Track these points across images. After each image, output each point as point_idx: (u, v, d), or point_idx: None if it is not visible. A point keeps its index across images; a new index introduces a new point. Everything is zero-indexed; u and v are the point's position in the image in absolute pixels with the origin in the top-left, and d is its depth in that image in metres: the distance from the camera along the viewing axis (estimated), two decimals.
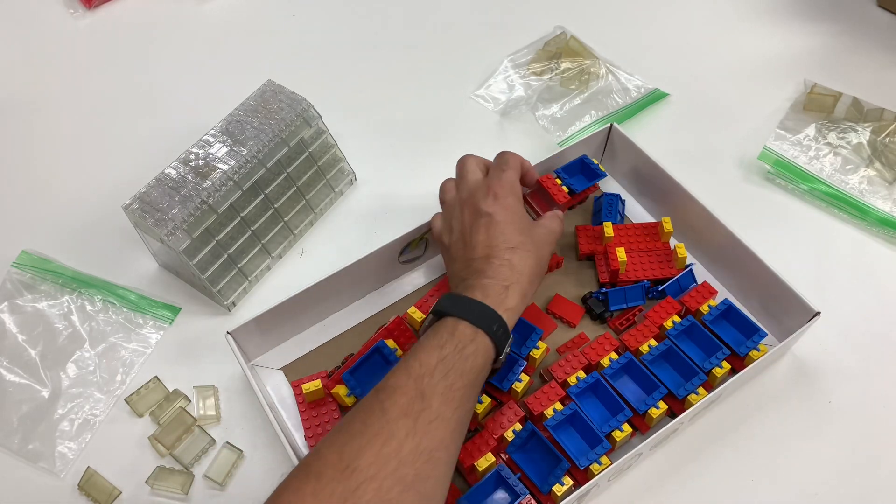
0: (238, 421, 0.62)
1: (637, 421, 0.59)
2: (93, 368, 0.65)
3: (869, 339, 0.66)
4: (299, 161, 0.70)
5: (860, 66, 0.86)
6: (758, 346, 0.61)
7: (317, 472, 0.44)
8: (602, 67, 0.85)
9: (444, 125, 0.82)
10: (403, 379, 0.49)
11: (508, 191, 0.60)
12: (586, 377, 0.59)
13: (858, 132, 0.78)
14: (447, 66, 0.88)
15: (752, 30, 0.90)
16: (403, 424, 0.46)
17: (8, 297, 0.69)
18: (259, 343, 0.64)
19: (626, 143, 0.72)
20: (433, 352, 0.50)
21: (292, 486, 0.45)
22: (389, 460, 0.45)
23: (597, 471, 0.55)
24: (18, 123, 0.84)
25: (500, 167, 0.63)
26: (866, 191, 0.75)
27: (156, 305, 0.69)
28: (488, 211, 0.59)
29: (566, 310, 0.66)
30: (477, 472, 0.56)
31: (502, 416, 0.58)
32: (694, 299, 0.64)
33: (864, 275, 0.70)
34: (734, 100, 0.83)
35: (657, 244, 0.69)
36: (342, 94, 0.84)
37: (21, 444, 0.61)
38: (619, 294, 0.65)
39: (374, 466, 0.44)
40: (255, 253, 0.69)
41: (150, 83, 0.87)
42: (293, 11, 0.94)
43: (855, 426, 0.61)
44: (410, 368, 0.49)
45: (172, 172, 0.65)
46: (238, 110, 0.69)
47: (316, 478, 0.44)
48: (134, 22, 0.93)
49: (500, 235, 0.57)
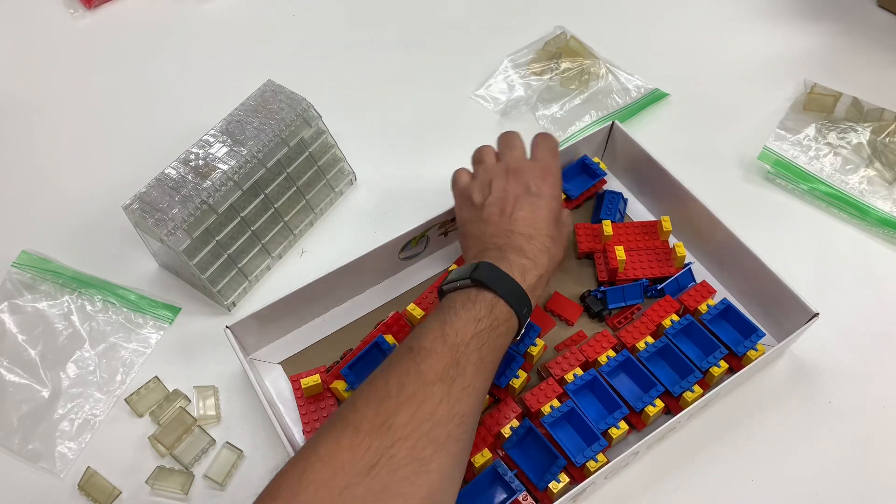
0: (238, 421, 0.62)
1: (634, 418, 0.59)
2: (93, 368, 0.65)
3: (869, 339, 0.66)
4: (299, 161, 0.70)
5: (860, 66, 0.86)
6: (756, 345, 0.61)
7: (355, 425, 0.45)
8: (602, 67, 0.85)
9: (444, 125, 0.82)
10: (439, 344, 0.49)
11: (558, 179, 0.62)
12: (583, 374, 0.60)
13: (858, 132, 0.78)
14: (447, 66, 0.88)
15: (752, 30, 0.90)
16: (439, 389, 0.47)
17: (8, 297, 0.69)
18: (258, 338, 0.64)
19: (627, 141, 0.72)
20: (470, 324, 0.51)
21: (330, 436, 0.45)
22: (424, 422, 0.46)
23: (593, 468, 0.55)
24: (18, 123, 0.84)
25: (551, 152, 0.63)
26: (866, 191, 0.75)
27: (156, 305, 0.69)
28: (538, 192, 0.59)
29: (565, 308, 0.66)
30: (473, 469, 0.56)
31: (499, 412, 0.58)
32: (693, 298, 0.64)
33: (863, 275, 0.70)
34: (734, 100, 0.83)
35: (656, 243, 0.69)
36: (342, 94, 0.84)
37: (21, 444, 0.61)
38: (617, 292, 0.65)
39: (410, 426, 0.45)
40: (255, 253, 0.69)
41: (150, 83, 0.87)
42: (293, 11, 0.94)
43: (855, 426, 0.61)
44: (447, 335, 0.50)
45: (172, 172, 0.65)
46: (238, 110, 0.69)
47: (354, 431, 0.45)
48: (134, 22, 0.93)
49: (543, 220, 0.58)
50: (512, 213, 0.58)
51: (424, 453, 0.45)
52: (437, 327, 0.51)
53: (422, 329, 0.51)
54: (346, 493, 0.43)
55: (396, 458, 0.44)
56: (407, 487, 0.44)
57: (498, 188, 0.60)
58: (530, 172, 0.61)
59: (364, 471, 0.43)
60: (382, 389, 0.47)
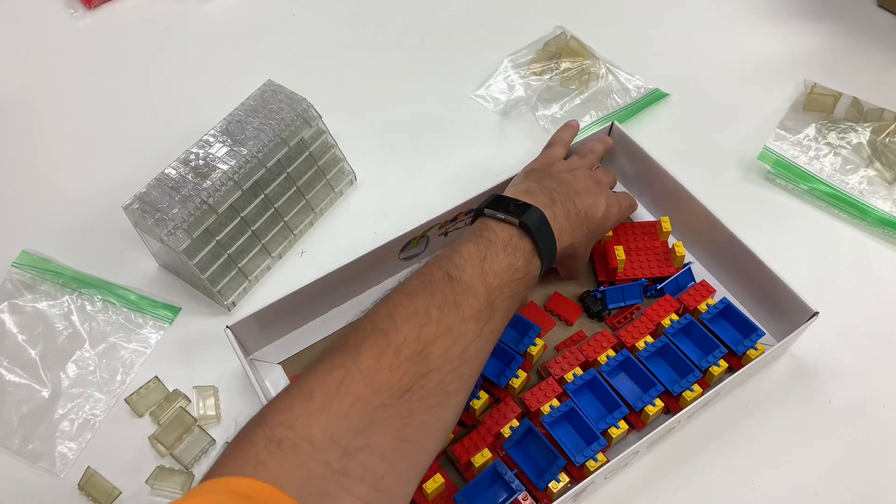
0: (238, 421, 0.62)
1: (633, 418, 0.59)
2: (93, 368, 0.65)
3: (869, 338, 0.66)
4: (299, 161, 0.70)
5: (860, 66, 0.86)
6: (755, 345, 0.61)
7: (397, 346, 0.46)
8: (602, 67, 0.85)
9: (444, 125, 0.82)
10: (478, 282, 0.50)
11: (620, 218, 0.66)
12: (583, 374, 0.60)
13: (858, 132, 0.78)
14: (447, 66, 0.88)
15: (752, 30, 0.90)
16: (472, 328, 0.49)
17: (8, 297, 0.69)
18: (258, 338, 0.64)
19: (626, 141, 0.72)
20: (508, 272, 0.52)
21: (372, 351, 0.45)
22: (456, 358, 0.47)
23: (593, 468, 0.55)
24: (18, 123, 0.84)
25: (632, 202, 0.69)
26: (866, 191, 0.75)
27: (156, 305, 0.69)
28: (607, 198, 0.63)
29: (564, 308, 0.66)
30: (473, 468, 0.56)
31: (499, 412, 0.59)
32: (693, 297, 0.64)
33: (863, 275, 0.70)
34: (734, 100, 0.83)
35: (655, 243, 0.69)
36: (342, 94, 0.84)
37: (21, 444, 0.61)
38: (616, 292, 0.65)
39: (443, 359, 0.47)
40: (255, 253, 0.69)
41: (150, 83, 0.87)
42: (293, 11, 0.94)
43: (855, 426, 0.61)
44: (486, 275, 0.51)
45: (172, 172, 0.65)
46: (238, 110, 0.69)
47: (395, 352, 0.45)
48: (134, 22, 0.93)
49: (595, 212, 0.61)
50: (579, 191, 0.60)
51: (450, 387, 0.47)
52: (478, 262, 0.51)
53: (461, 256, 0.52)
54: (378, 411, 0.43)
55: (426, 388, 0.45)
56: (429, 417, 0.46)
57: (580, 172, 0.64)
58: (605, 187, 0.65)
59: (399, 394, 0.44)
60: (423, 313, 0.48)
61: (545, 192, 0.58)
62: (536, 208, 0.55)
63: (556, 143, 0.68)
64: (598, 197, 0.62)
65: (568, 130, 0.70)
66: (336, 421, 0.42)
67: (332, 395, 0.43)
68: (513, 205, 0.55)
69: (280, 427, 0.41)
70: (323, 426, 0.42)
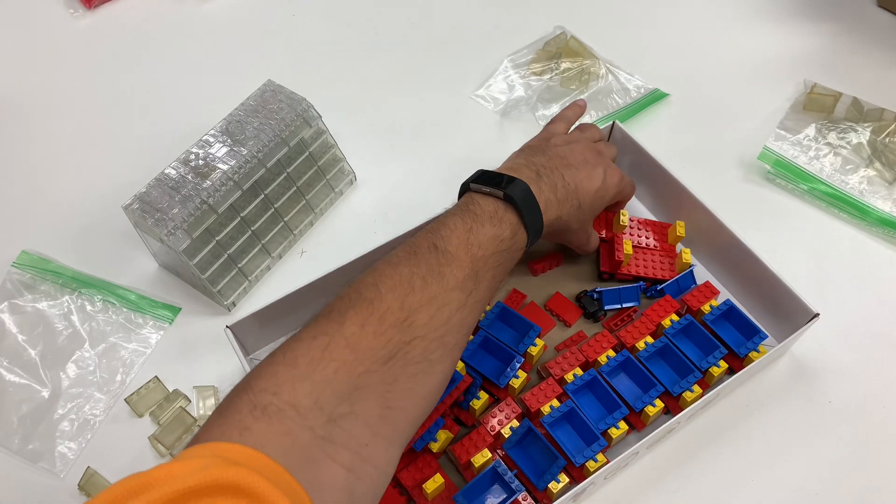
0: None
1: (633, 418, 0.59)
2: (93, 368, 0.65)
3: (869, 338, 0.66)
4: (299, 161, 0.70)
5: (860, 66, 0.86)
6: (757, 347, 0.61)
7: (381, 314, 0.46)
8: (602, 67, 0.85)
9: (444, 125, 0.82)
10: (463, 252, 0.51)
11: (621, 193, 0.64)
12: (583, 374, 0.60)
13: (858, 132, 0.78)
14: (447, 66, 0.88)
15: (752, 30, 0.90)
16: (457, 297, 0.49)
17: (8, 297, 0.69)
18: (258, 337, 0.64)
19: (627, 140, 0.72)
20: (493, 242, 0.52)
21: (356, 318, 0.46)
22: (440, 326, 0.47)
23: (593, 468, 0.55)
24: (18, 123, 0.84)
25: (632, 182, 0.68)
26: (866, 191, 0.75)
27: (156, 305, 0.69)
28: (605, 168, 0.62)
29: (564, 309, 0.66)
30: (473, 469, 0.56)
31: (499, 412, 0.59)
32: (696, 298, 0.64)
33: (863, 275, 0.70)
34: (734, 100, 0.83)
35: (665, 245, 0.69)
36: (342, 94, 0.84)
37: (21, 444, 0.61)
38: (613, 294, 0.65)
39: (427, 327, 0.47)
40: (255, 253, 0.69)
41: (150, 83, 0.87)
42: (293, 11, 0.94)
43: (855, 426, 0.61)
44: (470, 245, 0.51)
45: (172, 172, 0.65)
46: (238, 110, 0.69)
47: (379, 320, 0.46)
48: (134, 22, 0.93)
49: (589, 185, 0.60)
50: (571, 164, 0.60)
51: (434, 355, 0.47)
52: (463, 234, 0.51)
53: (447, 228, 0.52)
54: (363, 377, 0.44)
55: (410, 355, 0.46)
56: (413, 384, 0.46)
57: (577, 145, 0.63)
58: (605, 159, 0.63)
59: (382, 360, 0.45)
60: (407, 283, 0.48)
61: (531, 168, 0.58)
62: (521, 181, 0.55)
63: (559, 120, 0.68)
64: (595, 168, 0.61)
65: (574, 109, 0.70)
66: (320, 387, 0.42)
67: (317, 361, 0.43)
68: (497, 178, 0.55)
69: (265, 393, 0.41)
70: (307, 392, 0.42)
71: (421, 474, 0.56)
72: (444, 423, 0.58)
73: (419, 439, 0.56)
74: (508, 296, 0.67)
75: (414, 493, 0.56)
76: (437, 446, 0.57)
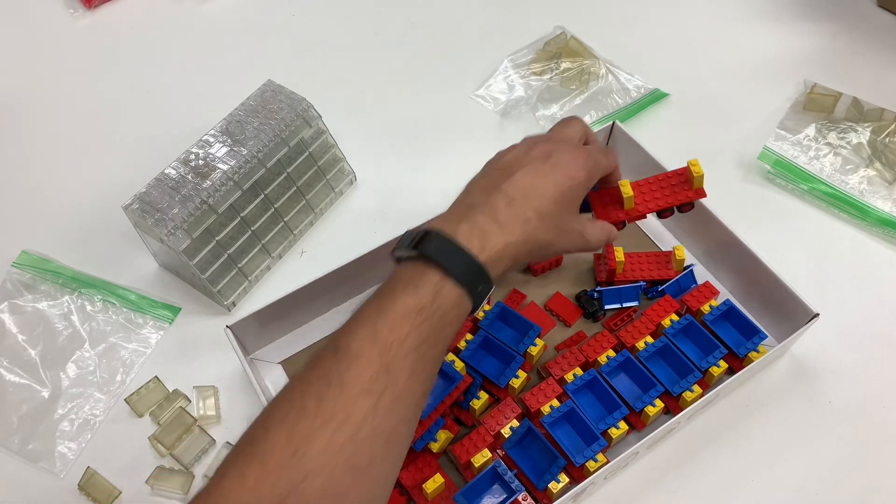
0: (238, 421, 0.62)
1: (633, 418, 0.59)
2: (93, 368, 0.65)
3: (869, 338, 0.66)
4: (299, 161, 0.70)
5: (860, 66, 0.86)
6: (757, 347, 0.61)
7: (262, 457, 0.40)
8: (602, 67, 0.85)
9: (444, 125, 0.82)
10: (368, 345, 0.43)
11: (593, 169, 0.53)
12: (583, 374, 0.60)
13: (858, 132, 0.78)
14: (447, 66, 0.88)
15: (752, 30, 0.90)
16: (363, 404, 0.41)
17: (8, 297, 0.69)
18: (258, 337, 0.64)
19: (628, 140, 0.72)
20: (409, 316, 0.44)
21: (236, 469, 0.40)
22: (344, 447, 0.40)
23: (593, 468, 0.55)
24: (18, 123, 0.84)
25: (606, 150, 0.57)
26: (866, 191, 0.75)
27: (156, 305, 0.69)
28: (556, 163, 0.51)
29: (564, 309, 0.66)
30: (473, 469, 0.56)
31: (499, 412, 0.59)
32: (696, 298, 0.64)
33: (863, 275, 0.70)
34: (734, 100, 0.83)
35: None
36: (342, 94, 0.84)
37: (21, 444, 0.61)
38: (613, 293, 0.65)
39: (326, 454, 0.40)
40: (255, 253, 0.69)
41: (150, 83, 0.87)
42: (293, 11, 0.94)
43: (855, 426, 0.61)
44: (378, 331, 0.43)
45: (172, 172, 0.65)
46: (238, 110, 0.69)
47: (261, 463, 0.40)
48: (134, 22, 0.93)
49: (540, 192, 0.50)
50: (514, 173, 0.51)
51: (340, 486, 0.40)
52: (370, 321, 0.44)
53: (355, 318, 0.45)
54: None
55: (307, 494, 0.39)
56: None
57: (521, 148, 0.53)
58: (563, 146, 0.53)
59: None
60: (298, 405, 0.41)
61: (461, 207, 0.50)
62: (434, 231, 0.47)
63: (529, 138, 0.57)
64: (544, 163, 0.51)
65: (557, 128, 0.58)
66: None
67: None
68: (411, 238, 0.48)
69: None
70: None
71: (421, 474, 0.56)
72: (444, 423, 0.58)
73: (419, 439, 0.56)
74: (508, 296, 0.67)
75: (414, 493, 0.56)
76: (437, 446, 0.57)
